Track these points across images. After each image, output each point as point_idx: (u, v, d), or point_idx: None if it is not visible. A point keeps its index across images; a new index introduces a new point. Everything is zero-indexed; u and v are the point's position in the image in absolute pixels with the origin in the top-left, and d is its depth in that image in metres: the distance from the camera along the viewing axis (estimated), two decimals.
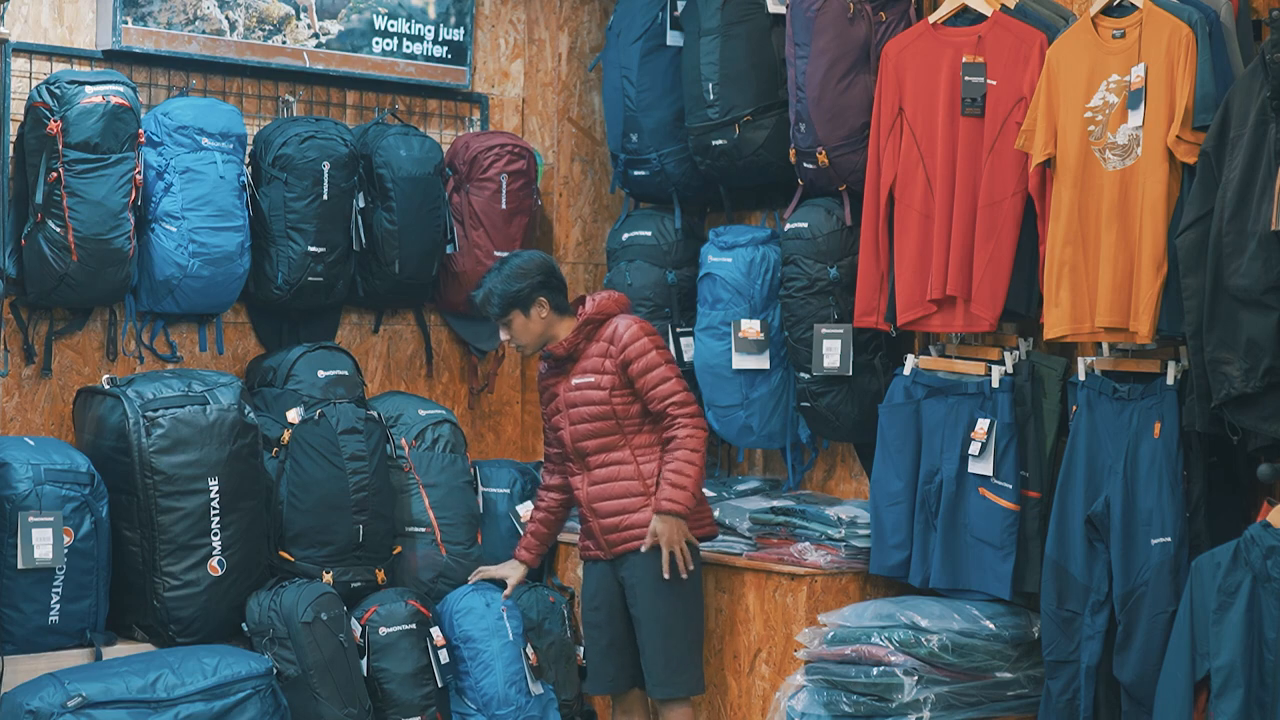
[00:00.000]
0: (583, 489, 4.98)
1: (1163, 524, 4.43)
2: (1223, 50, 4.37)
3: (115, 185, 4.85)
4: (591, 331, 4.95)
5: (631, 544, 4.89)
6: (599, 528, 4.95)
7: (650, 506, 4.85)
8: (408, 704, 5.07)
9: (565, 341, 4.95)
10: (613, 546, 4.93)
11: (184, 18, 5.27)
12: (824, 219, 5.25)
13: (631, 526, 4.90)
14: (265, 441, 5.08)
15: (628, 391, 4.89)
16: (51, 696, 4.39)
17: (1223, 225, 4.13)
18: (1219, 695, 4.05)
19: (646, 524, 4.85)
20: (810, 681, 4.76)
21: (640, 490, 4.89)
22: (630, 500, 4.90)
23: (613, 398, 4.90)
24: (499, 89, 6.13)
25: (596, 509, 4.95)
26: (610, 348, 4.90)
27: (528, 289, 4.92)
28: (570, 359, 4.97)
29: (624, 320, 4.93)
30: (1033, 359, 4.88)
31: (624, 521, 4.90)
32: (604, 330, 4.94)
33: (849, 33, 5.15)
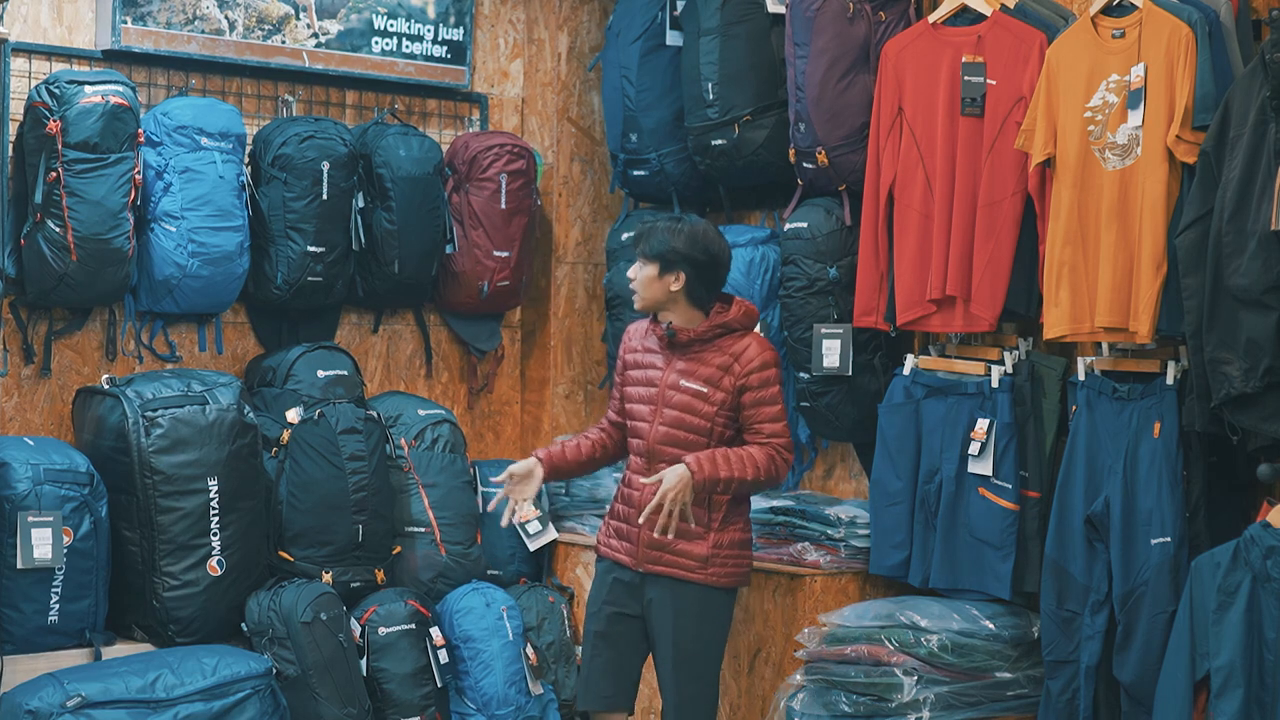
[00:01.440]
0: (644, 491, 4.52)
1: (1162, 524, 4.43)
2: (1223, 50, 4.37)
3: (114, 185, 4.85)
4: (720, 336, 4.55)
5: (674, 570, 4.50)
6: (645, 538, 4.50)
7: (707, 541, 4.51)
8: (407, 704, 5.07)
9: (692, 330, 4.53)
10: (650, 563, 4.52)
11: (183, 17, 5.27)
12: (823, 219, 5.25)
13: (680, 554, 4.50)
14: (265, 441, 5.08)
15: (732, 415, 4.52)
16: (51, 696, 4.39)
17: (1222, 225, 4.13)
18: (1219, 695, 4.05)
19: (696, 555, 4.49)
20: (810, 681, 4.76)
21: (702, 519, 4.49)
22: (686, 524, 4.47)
23: (716, 416, 4.50)
24: (498, 89, 6.13)
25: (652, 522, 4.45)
26: (735, 365, 4.50)
27: (680, 257, 4.50)
28: (683, 349, 4.55)
29: (757, 343, 4.54)
30: (1032, 359, 4.88)
31: (676, 544, 4.49)
32: (734, 343, 4.54)
33: (849, 32, 5.15)
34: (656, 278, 4.53)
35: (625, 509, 4.62)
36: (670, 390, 4.55)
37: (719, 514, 4.51)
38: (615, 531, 4.65)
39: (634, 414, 4.62)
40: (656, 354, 4.61)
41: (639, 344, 4.67)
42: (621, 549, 4.61)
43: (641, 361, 4.64)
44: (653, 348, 4.63)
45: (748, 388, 4.50)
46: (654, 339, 4.63)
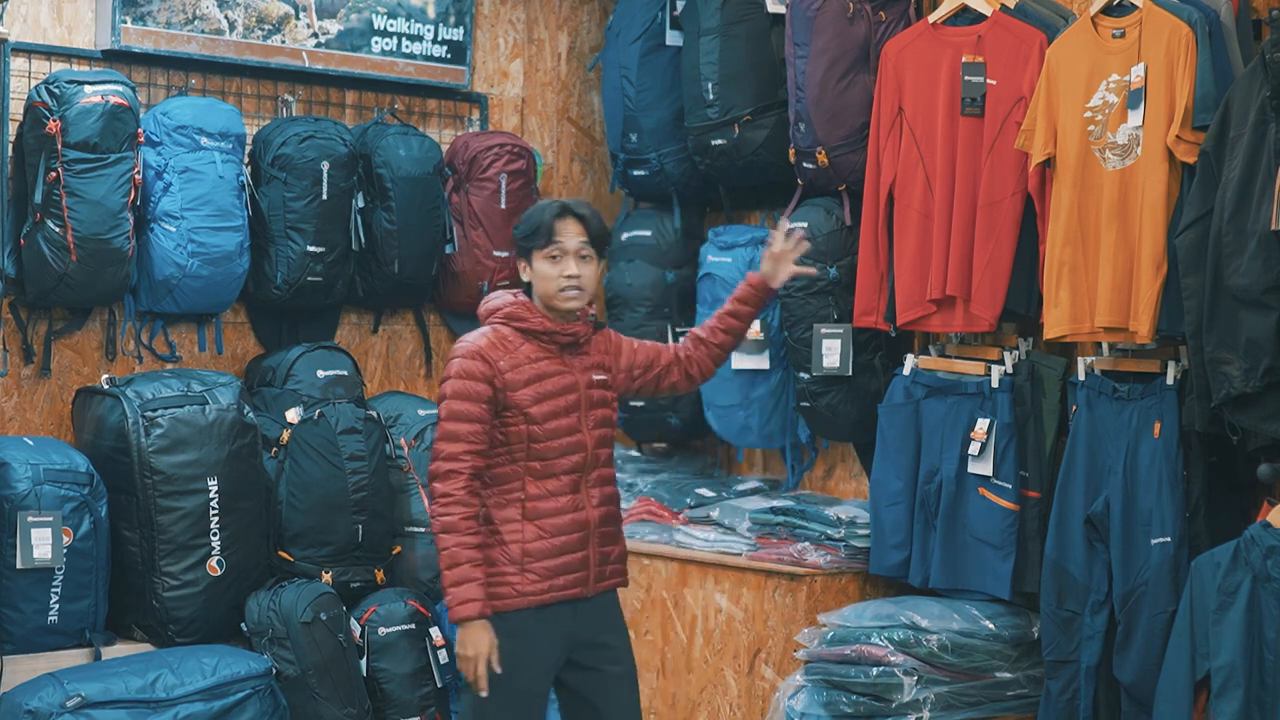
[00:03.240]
0: (588, 510, 4.04)
1: (1162, 524, 4.43)
2: (1223, 50, 4.37)
3: (114, 185, 4.85)
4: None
5: (617, 579, 4.17)
6: (597, 557, 4.08)
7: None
8: (407, 704, 5.07)
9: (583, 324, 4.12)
10: (600, 580, 4.09)
11: (183, 17, 5.27)
12: (824, 219, 5.25)
13: (620, 559, 4.18)
14: (265, 441, 5.08)
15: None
16: (51, 696, 4.39)
17: (1222, 225, 4.12)
18: (1219, 695, 4.05)
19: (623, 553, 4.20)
20: (810, 681, 4.76)
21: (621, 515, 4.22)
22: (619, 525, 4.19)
23: (614, 403, 4.18)
24: (498, 89, 6.13)
25: (603, 534, 4.09)
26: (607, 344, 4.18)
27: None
28: (578, 345, 4.11)
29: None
30: (1032, 359, 4.88)
31: (615, 552, 4.15)
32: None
33: (849, 32, 5.15)
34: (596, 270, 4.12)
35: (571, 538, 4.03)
36: (590, 390, 4.09)
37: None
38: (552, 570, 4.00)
39: (555, 431, 3.99)
40: (548, 359, 4.03)
41: (507, 363, 3.97)
42: (569, 582, 4.02)
43: (533, 373, 4.00)
44: (535, 355, 4.02)
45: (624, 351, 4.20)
46: (529, 348, 4.01)
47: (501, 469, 3.99)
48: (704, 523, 5.42)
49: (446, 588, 3.88)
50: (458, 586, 3.86)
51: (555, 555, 4.00)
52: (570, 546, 4.02)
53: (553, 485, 4.01)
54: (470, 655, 3.87)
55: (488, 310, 4.10)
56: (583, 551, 4.05)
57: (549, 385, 4.01)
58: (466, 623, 3.86)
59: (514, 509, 3.99)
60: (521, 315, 4.03)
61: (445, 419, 3.93)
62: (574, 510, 4.03)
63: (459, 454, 3.91)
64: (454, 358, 3.98)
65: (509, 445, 3.98)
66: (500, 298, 4.10)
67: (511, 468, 3.99)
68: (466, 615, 3.86)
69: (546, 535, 3.99)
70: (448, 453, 3.91)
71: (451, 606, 3.87)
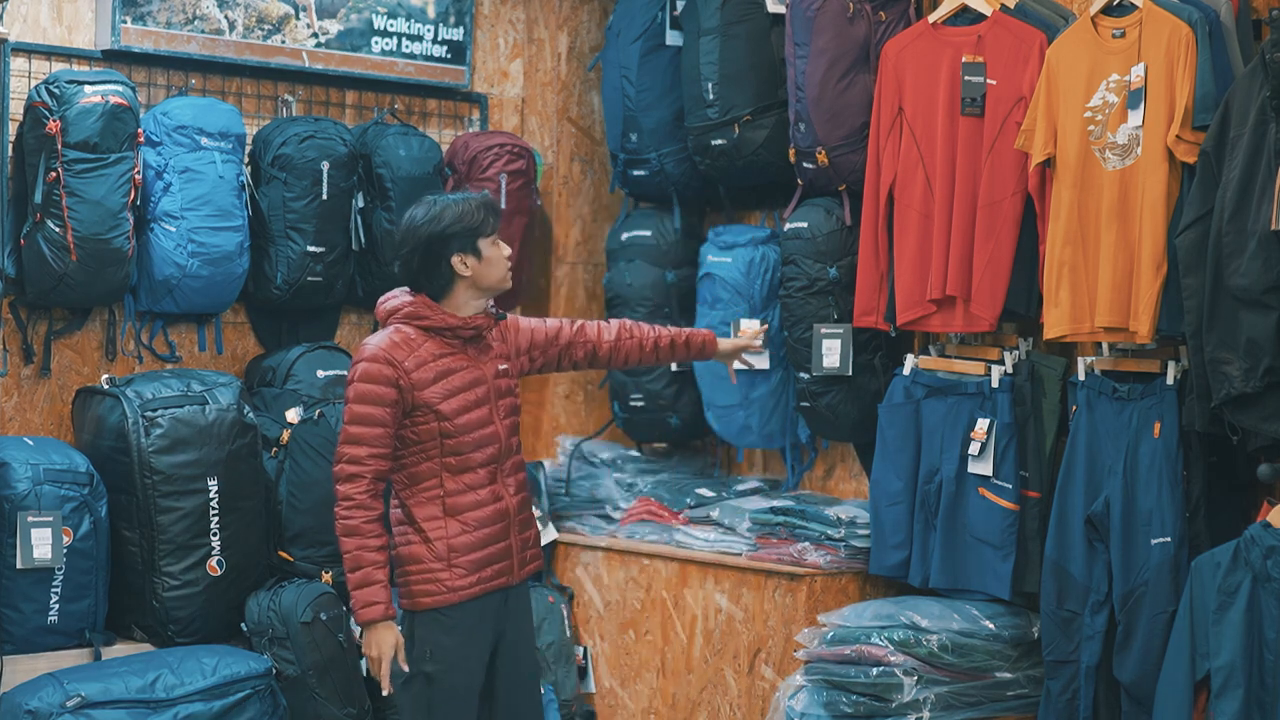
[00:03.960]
0: (506, 499, 4.11)
1: (1163, 524, 4.43)
2: (1223, 50, 4.37)
3: (114, 185, 4.85)
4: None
5: (536, 562, 4.25)
6: (519, 544, 4.14)
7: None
8: None
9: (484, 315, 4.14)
10: (523, 566, 4.18)
11: (183, 17, 5.27)
12: (824, 219, 5.24)
13: (536, 542, 4.25)
14: (264, 441, 5.08)
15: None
16: (51, 696, 4.39)
17: (1223, 225, 4.12)
18: (1219, 695, 4.05)
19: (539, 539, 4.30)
20: (810, 681, 4.76)
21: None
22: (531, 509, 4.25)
23: (517, 389, 4.23)
24: (498, 89, 6.13)
25: (522, 520, 4.16)
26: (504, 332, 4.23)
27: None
28: (480, 338, 4.14)
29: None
30: (1033, 359, 4.88)
31: (532, 536, 4.22)
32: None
33: (849, 32, 5.15)
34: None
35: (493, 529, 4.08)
36: (497, 380, 4.14)
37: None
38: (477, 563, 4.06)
39: (467, 425, 4.04)
40: (452, 355, 4.07)
41: (412, 362, 4.00)
42: (494, 572, 4.10)
43: (439, 370, 4.03)
44: (440, 352, 4.05)
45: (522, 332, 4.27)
46: (432, 345, 4.04)
47: (417, 468, 4.05)
48: (704, 523, 5.42)
49: (351, 590, 3.96)
50: (361, 589, 3.94)
51: (481, 547, 4.06)
52: (494, 537, 4.09)
53: (470, 479, 4.06)
54: (375, 655, 3.97)
55: (386, 310, 4.12)
56: (505, 541, 4.12)
57: (456, 381, 4.05)
58: (371, 624, 3.95)
59: (434, 506, 4.05)
60: (423, 313, 4.06)
61: (349, 422, 3.97)
62: (494, 501, 4.09)
63: (362, 457, 3.96)
64: (358, 361, 4.01)
65: (422, 444, 4.03)
66: (398, 298, 4.13)
67: (427, 465, 4.04)
68: (372, 617, 3.95)
69: (470, 529, 4.05)
70: (350, 455, 3.96)
71: (356, 609, 3.95)
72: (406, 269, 4.11)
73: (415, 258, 4.07)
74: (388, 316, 4.10)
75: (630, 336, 4.46)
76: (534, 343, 4.30)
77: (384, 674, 3.97)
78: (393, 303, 4.12)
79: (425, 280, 4.08)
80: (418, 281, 4.10)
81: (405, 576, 4.08)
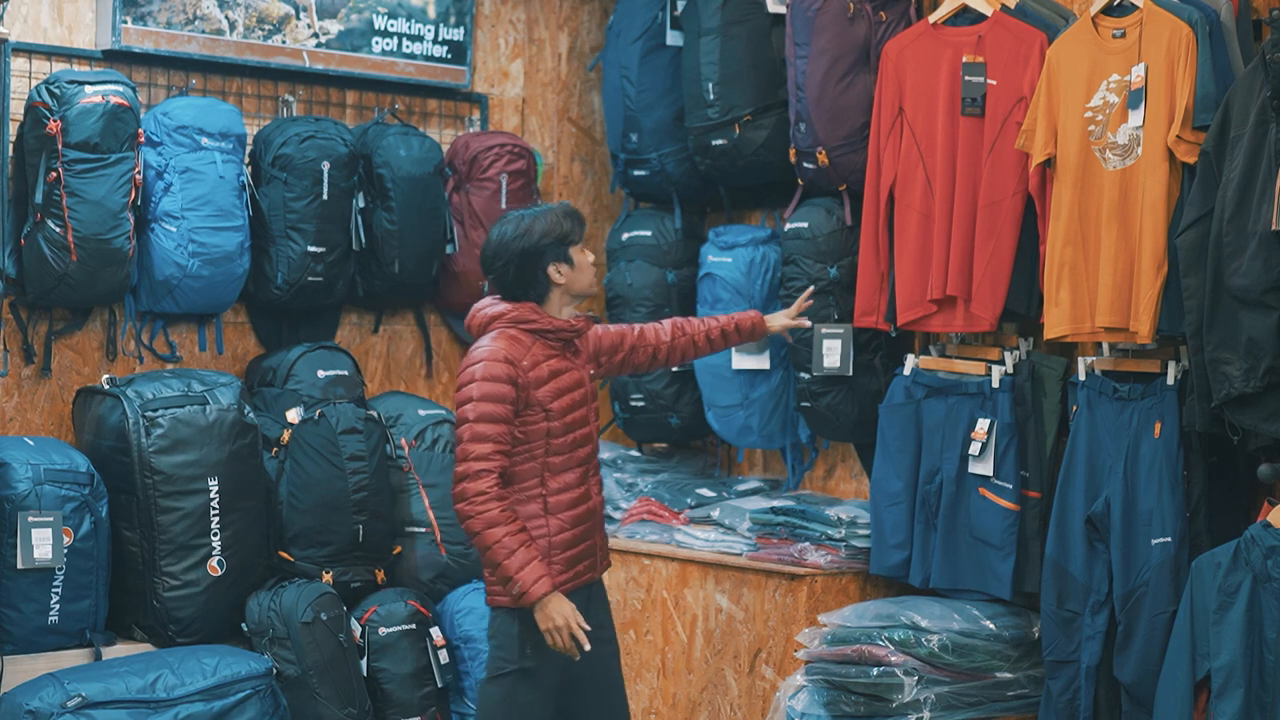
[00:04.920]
0: (594, 498, 4.27)
1: (1163, 524, 4.43)
2: (1223, 50, 4.37)
3: (115, 185, 4.85)
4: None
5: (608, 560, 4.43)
6: (601, 540, 4.34)
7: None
8: (407, 704, 5.07)
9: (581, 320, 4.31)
10: (603, 561, 4.37)
11: (183, 17, 5.27)
12: (824, 219, 5.25)
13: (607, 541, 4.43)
14: (265, 441, 5.08)
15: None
16: (51, 696, 4.39)
17: (1223, 225, 4.12)
18: (1219, 695, 4.05)
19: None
20: (810, 681, 4.76)
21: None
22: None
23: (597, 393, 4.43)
24: (499, 89, 6.13)
25: (602, 519, 4.35)
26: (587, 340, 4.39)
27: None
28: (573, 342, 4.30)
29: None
30: (1033, 359, 4.88)
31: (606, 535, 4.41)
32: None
33: (849, 32, 5.15)
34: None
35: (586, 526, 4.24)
36: (591, 383, 4.32)
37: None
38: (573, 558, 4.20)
39: (571, 424, 4.18)
40: (556, 357, 4.20)
41: (529, 361, 4.13)
42: (586, 568, 4.25)
43: (549, 372, 4.16)
44: (547, 354, 4.18)
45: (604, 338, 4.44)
46: (539, 348, 4.16)
47: (521, 467, 4.15)
48: (704, 523, 5.42)
49: (512, 575, 4.02)
50: (523, 570, 4.02)
51: (575, 544, 4.20)
52: (585, 535, 4.24)
53: (568, 478, 4.20)
54: (561, 624, 4.04)
55: (489, 316, 4.22)
56: (592, 539, 4.28)
57: (563, 382, 4.19)
58: (545, 598, 4.03)
59: (536, 505, 4.16)
60: (529, 317, 4.18)
61: (474, 420, 4.06)
62: (585, 500, 4.24)
63: (488, 454, 4.06)
64: (476, 362, 4.10)
65: (529, 443, 4.14)
66: (497, 304, 4.23)
67: (530, 465, 4.15)
68: (544, 591, 4.03)
69: (569, 527, 4.19)
70: (477, 453, 4.05)
71: (526, 589, 4.02)
72: (501, 282, 4.24)
73: (510, 270, 4.20)
74: (490, 322, 4.21)
75: (683, 334, 4.61)
76: (601, 348, 4.45)
77: (580, 638, 4.05)
78: (493, 309, 4.23)
79: (521, 292, 4.22)
80: (514, 293, 4.24)
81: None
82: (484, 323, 4.22)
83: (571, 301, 4.27)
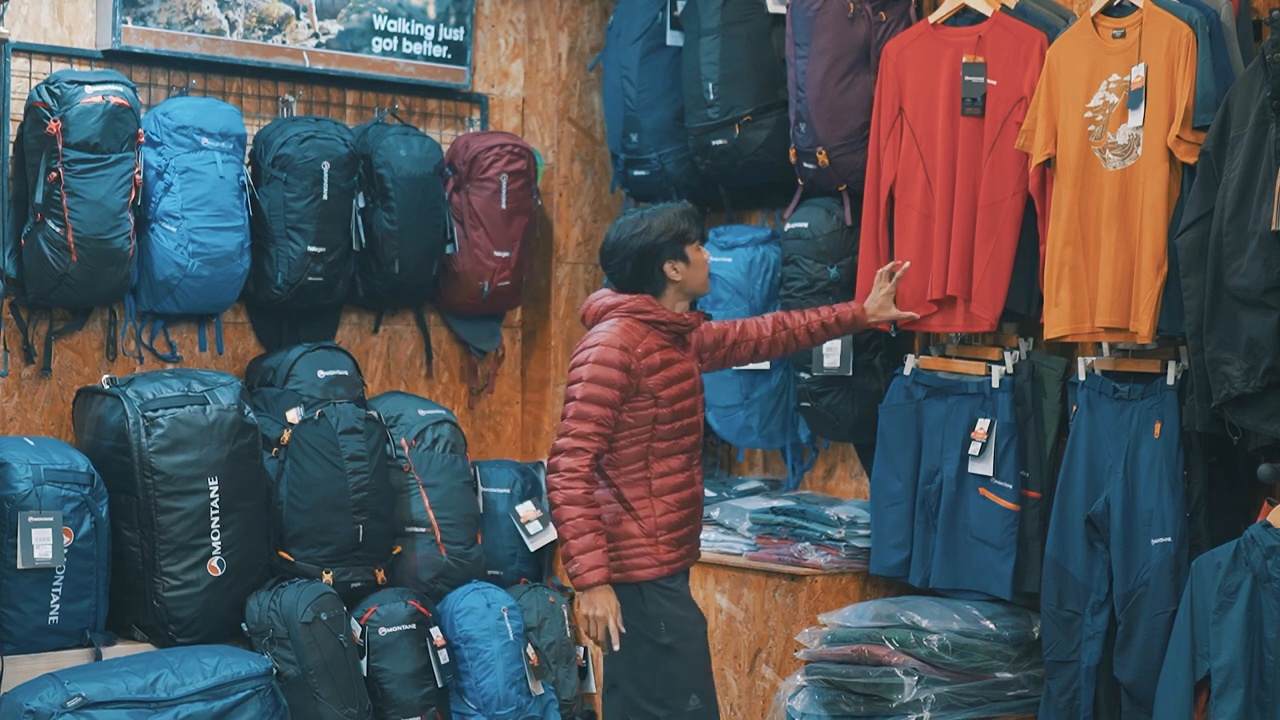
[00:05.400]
0: (697, 484, 4.38)
1: (1163, 524, 4.43)
2: (1223, 50, 4.37)
3: (115, 185, 4.85)
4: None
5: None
6: (699, 528, 4.45)
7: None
8: (408, 704, 5.08)
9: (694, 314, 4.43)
10: (698, 549, 4.48)
11: (184, 18, 5.27)
12: (824, 219, 5.24)
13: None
14: (265, 441, 5.08)
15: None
16: (51, 696, 4.39)
17: (1223, 225, 4.12)
18: (1219, 695, 4.05)
19: None
20: (810, 681, 4.76)
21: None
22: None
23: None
24: (499, 89, 6.13)
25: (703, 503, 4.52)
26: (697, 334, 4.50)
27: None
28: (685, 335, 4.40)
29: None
30: (1033, 359, 4.88)
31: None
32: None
33: (849, 32, 5.15)
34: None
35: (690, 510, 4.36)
36: (698, 377, 4.42)
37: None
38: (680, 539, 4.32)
39: (680, 413, 4.29)
40: (669, 348, 4.32)
41: (642, 349, 4.24)
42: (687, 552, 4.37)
43: (660, 361, 4.28)
44: (660, 344, 4.29)
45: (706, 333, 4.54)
46: (652, 338, 4.27)
47: (627, 450, 4.25)
48: (705, 523, 5.42)
49: (573, 555, 4.13)
50: (585, 554, 4.12)
51: (680, 527, 4.33)
52: (690, 519, 4.37)
53: (673, 463, 4.31)
54: (599, 614, 4.13)
55: (606, 305, 4.34)
56: (695, 524, 4.41)
57: (674, 371, 4.30)
58: (593, 587, 4.12)
59: (641, 487, 4.27)
60: (645, 309, 4.30)
61: (580, 399, 4.18)
62: (690, 485, 4.36)
63: (588, 434, 4.17)
64: (592, 346, 4.23)
65: (636, 428, 4.24)
66: (612, 295, 4.35)
67: (636, 449, 4.26)
68: (595, 580, 4.12)
69: (674, 509, 4.31)
70: (577, 431, 4.17)
71: (580, 573, 4.12)
72: (618, 278, 4.35)
73: (628, 266, 4.32)
74: (606, 311, 4.33)
75: (784, 328, 4.70)
76: (704, 344, 4.53)
77: (614, 629, 4.13)
78: (609, 299, 4.34)
79: (636, 287, 4.34)
80: (629, 289, 4.35)
81: (617, 550, 4.25)
82: (600, 311, 4.34)
83: (684, 298, 4.37)
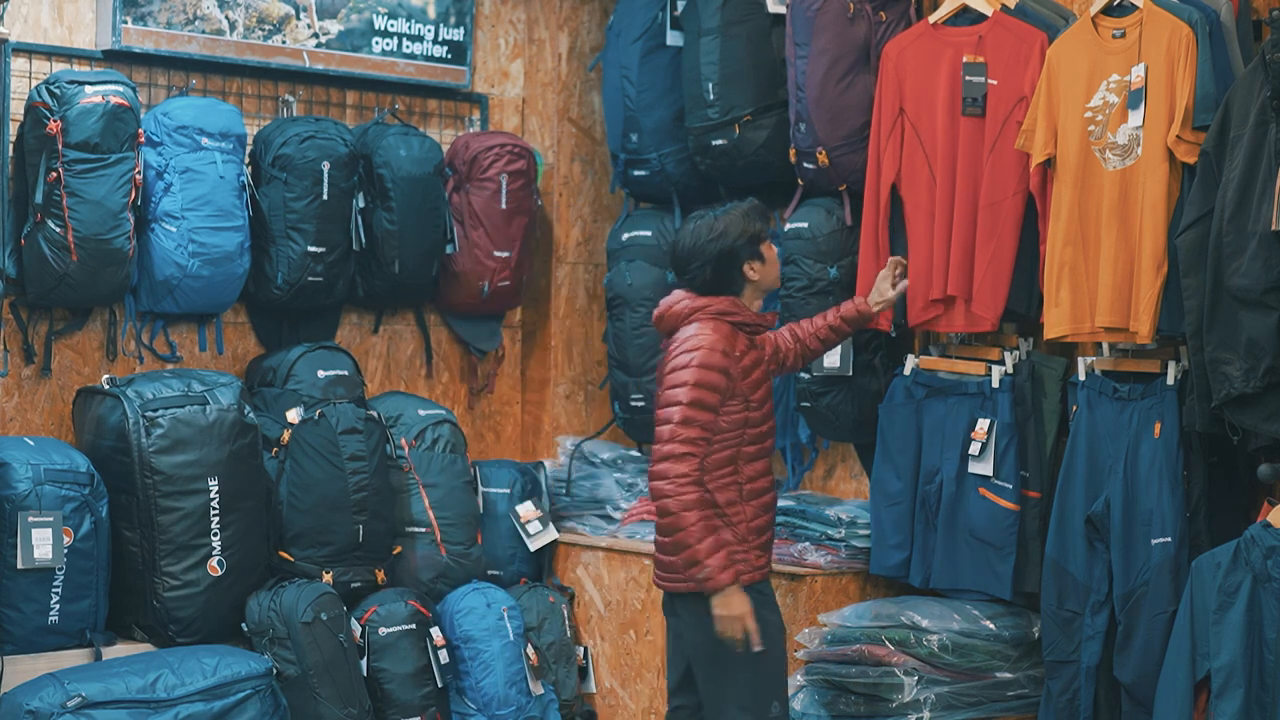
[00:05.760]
0: (773, 489, 4.37)
1: (1163, 524, 4.43)
2: (1223, 50, 4.37)
3: (115, 185, 4.85)
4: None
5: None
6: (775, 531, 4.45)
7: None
8: (408, 704, 5.08)
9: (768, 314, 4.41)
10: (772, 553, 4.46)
11: (184, 18, 5.27)
12: (824, 219, 5.24)
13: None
14: (265, 441, 5.08)
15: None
16: (51, 696, 4.39)
17: (1223, 225, 4.12)
18: (1219, 695, 4.05)
19: None
20: (810, 681, 4.76)
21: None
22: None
23: None
24: (499, 89, 6.13)
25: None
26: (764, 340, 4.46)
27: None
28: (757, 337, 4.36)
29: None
30: (1033, 359, 4.88)
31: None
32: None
33: (849, 33, 5.15)
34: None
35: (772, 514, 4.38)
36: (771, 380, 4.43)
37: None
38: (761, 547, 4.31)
39: (766, 415, 4.30)
40: (753, 350, 4.30)
41: (738, 352, 4.22)
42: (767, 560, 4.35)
43: (750, 362, 4.26)
44: (746, 347, 4.28)
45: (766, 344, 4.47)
46: (741, 340, 4.26)
47: (719, 454, 4.21)
48: None
49: (701, 559, 4.08)
50: (714, 555, 4.10)
51: (766, 530, 4.32)
52: (772, 523, 4.37)
53: (760, 466, 4.30)
54: (738, 615, 4.11)
55: (690, 308, 4.28)
56: (774, 527, 4.40)
57: (759, 374, 4.29)
58: (729, 587, 4.10)
59: (732, 492, 4.23)
60: (732, 310, 4.26)
61: (687, 404, 4.13)
62: (772, 489, 4.36)
63: (695, 438, 4.14)
64: (694, 349, 4.17)
65: (726, 432, 4.21)
66: (691, 298, 4.29)
67: (727, 453, 4.22)
68: (729, 581, 4.10)
69: (762, 513, 4.30)
70: (685, 436, 4.13)
71: (713, 575, 4.09)
72: (697, 281, 4.30)
73: (707, 270, 4.28)
74: (690, 314, 4.27)
75: (798, 340, 4.62)
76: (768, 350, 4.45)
77: (753, 629, 4.11)
78: (690, 302, 4.29)
79: (716, 290, 4.29)
80: (709, 292, 4.30)
81: None
82: (685, 313, 4.28)
83: (760, 296, 4.35)
